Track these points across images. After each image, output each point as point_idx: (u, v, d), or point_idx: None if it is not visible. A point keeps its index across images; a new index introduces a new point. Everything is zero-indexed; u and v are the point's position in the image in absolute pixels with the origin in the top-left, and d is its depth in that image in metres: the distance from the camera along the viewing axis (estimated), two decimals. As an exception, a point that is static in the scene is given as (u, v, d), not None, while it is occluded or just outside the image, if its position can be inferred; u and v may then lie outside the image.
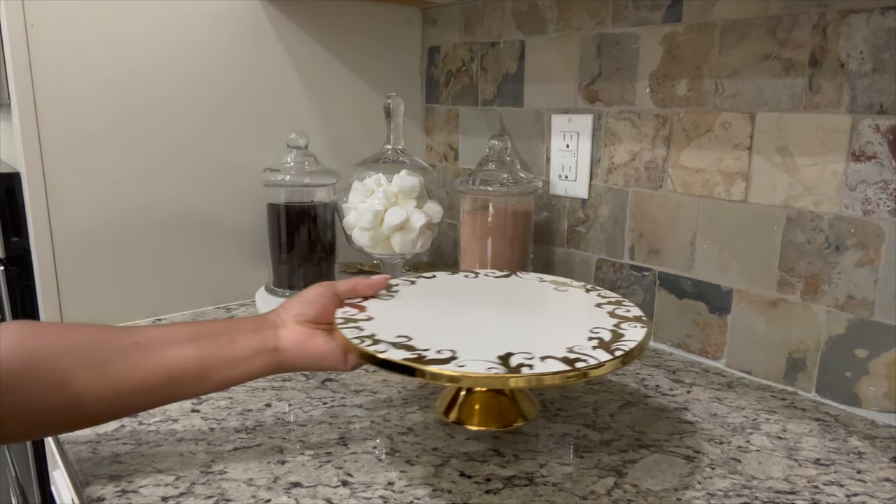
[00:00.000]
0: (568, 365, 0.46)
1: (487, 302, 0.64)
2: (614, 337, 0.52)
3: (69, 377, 0.47)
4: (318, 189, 0.92)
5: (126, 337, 0.51)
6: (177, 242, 0.91)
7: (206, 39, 0.89)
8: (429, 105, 1.15)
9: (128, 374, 0.49)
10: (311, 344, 0.55)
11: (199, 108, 0.90)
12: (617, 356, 0.48)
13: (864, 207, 0.63)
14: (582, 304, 0.62)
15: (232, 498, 0.49)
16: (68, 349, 0.48)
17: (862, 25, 0.61)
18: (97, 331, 0.51)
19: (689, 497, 0.50)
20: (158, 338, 0.51)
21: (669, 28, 0.77)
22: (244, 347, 0.53)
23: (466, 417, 0.58)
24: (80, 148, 0.82)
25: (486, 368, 0.46)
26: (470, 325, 0.57)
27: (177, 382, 0.51)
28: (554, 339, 0.52)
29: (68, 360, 0.48)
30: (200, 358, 0.51)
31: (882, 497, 0.51)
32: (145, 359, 0.50)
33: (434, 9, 1.10)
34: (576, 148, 0.89)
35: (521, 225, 0.87)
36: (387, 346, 0.50)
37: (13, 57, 0.76)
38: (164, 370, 0.50)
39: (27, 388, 0.46)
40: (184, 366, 0.51)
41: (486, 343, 0.51)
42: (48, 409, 0.47)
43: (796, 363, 0.70)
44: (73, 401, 0.48)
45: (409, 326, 0.54)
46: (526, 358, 0.48)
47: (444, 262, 1.15)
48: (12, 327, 0.48)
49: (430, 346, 0.49)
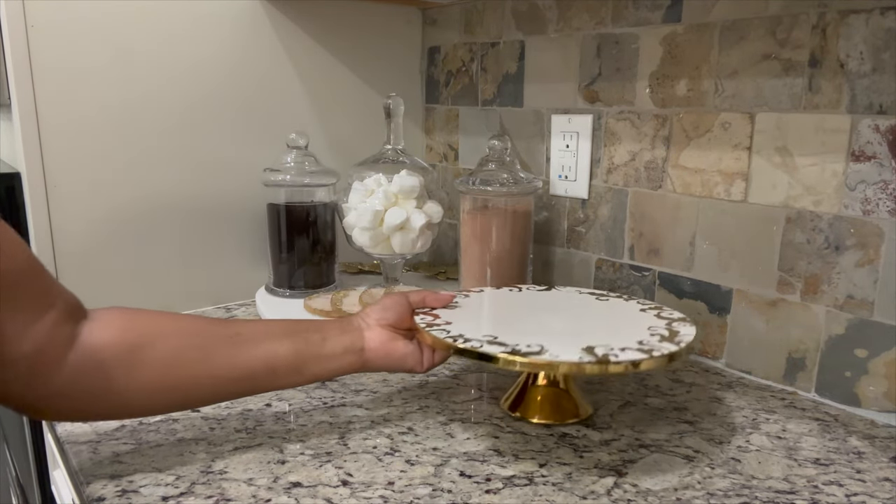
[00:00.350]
0: (646, 354, 0.53)
1: (543, 309, 0.68)
2: (671, 333, 0.59)
3: (177, 360, 0.50)
4: (318, 189, 0.92)
5: (226, 328, 0.55)
6: (177, 242, 0.91)
7: (206, 39, 0.90)
8: (429, 105, 1.16)
9: (230, 362, 0.53)
10: (393, 346, 0.60)
11: (199, 108, 0.90)
12: (684, 345, 0.55)
13: (863, 207, 0.63)
14: (628, 311, 0.67)
15: (232, 498, 0.49)
16: (173, 333, 0.51)
17: (862, 26, 0.61)
18: (195, 319, 0.55)
19: (689, 497, 0.50)
20: (256, 331, 0.55)
21: (669, 28, 0.77)
22: (335, 345, 0.57)
23: (531, 412, 0.63)
24: (80, 148, 0.82)
25: (577, 358, 0.52)
26: (540, 328, 0.62)
27: (274, 373, 0.55)
28: (620, 337, 0.57)
29: (175, 343, 0.51)
30: (296, 353, 0.55)
31: (882, 497, 0.51)
32: (246, 350, 0.53)
33: (434, 9, 1.10)
34: (576, 148, 0.89)
35: (521, 225, 0.87)
36: (480, 342, 0.55)
37: (13, 57, 0.76)
38: (264, 361, 0.54)
39: (138, 367, 0.49)
40: (281, 359, 0.55)
41: (564, 340, 0.56)
42: (157, 388, 0.50)
43: (796, 363, 0.70)
44: (179, 383, 0.51)
45: (489, 328, 0.60)
46: (608, 349, 0.54)
47: (444, 262, 1.15)
48: (114, 311, 0.51)
49: (519, 342, 0.55)
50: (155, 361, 0.50)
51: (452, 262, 1.12)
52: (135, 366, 0.49)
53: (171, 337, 0.51)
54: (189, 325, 0.54)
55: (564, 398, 0.63)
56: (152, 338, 0.50)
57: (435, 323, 0.61)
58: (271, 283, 0.93)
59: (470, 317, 0.64)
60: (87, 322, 0.49)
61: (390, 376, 0.71)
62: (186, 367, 0.51)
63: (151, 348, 0.50)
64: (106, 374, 0.48)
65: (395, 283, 0.94)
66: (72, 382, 0.46)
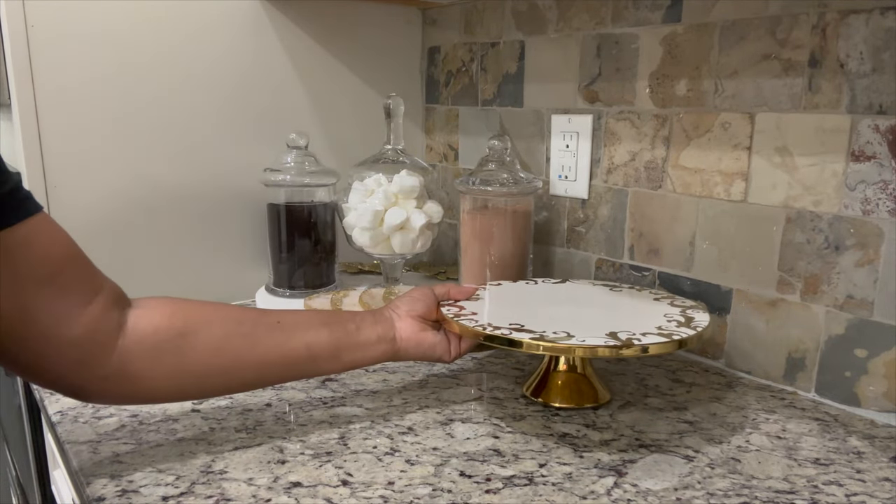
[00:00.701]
0: (666, 338, 0.56)
1: (561, 300, 0.72)
2: (687, 319, 0.62)
3: (223, 345, 0.53)
4: (318, 189, 0.92)
5: (267, 316, 0.57)
6: (177, 242, 0.92)
7: (206, 40, 0.90)
8: (429, 105, 1.16)
9: (275, 349, 0.55)
10: (423, 336, 0.63)
11: (199, 108, 0.90)
12: (700, 329, 0.59)
13: (863, 207, 0.63)
14: (642, 300, 0.71)
15: (232, 497, 0.49)
16: (218, 320, 0.54)
17: (861, 26, 0.62)
18: (236, 308, 0.58)
19: (689, 497, 0.50)
20: (296, 320, 0.58)
21: (669, 28, 0.77)
22: (369, 334, 0.60)
23: (552, 397, 0.65)
24: (80, 148, 0.82)
25: (603, 342, 0.55)
26: (562, 316, 0.65)
27: (315, 359, 0.57)
28: (640, 324, 0.60)
29: (221, 330, 0.53)
30: (334, 340, 0.58)
31: (881, 497, 0.51)
32: (289, 336, 0.56)
33: (434, 9, 1.10)
34: (575, 148, 0.89)
35: (521, 225, 0.87)
36: (508, 330, 0.58)
37: (13, 57, 0.76)
38: (306, 348, 0.56)
39: (186, 351, 0.51)
40: (321, 346, 0.57)
41: (587, 326, 0.60)
42: (204, 372, 0.52)
43: (796, 363, 0.70)
44: (226, 368, 0.53)
45: (514, 317, 0.62)
46: (630, 335, 0.57)
47: (444, 262, 1.15)
48: (158, 299, 0.52)
49: (545, 329, 0.58)
50: (203, 347, 0.52)
51: (452, 262, 1.12)
52: (183, 351, 0.51)
53: (217, 324, 0.53)
54: (232, 312, 0.56)
55: (584, 383, 0.66)
56: (198, 325, 0.52)
57: (462, 313, 0.64)
58: (271, 283, 0.93)
59: (493, 307, 0.67)
60: (133, 309, 0.50)
61: (390, 376, 0.72)
62: (233, 352, 0.53)
63: (198, 334, 0.52)
64: (155, 359, 0.50)
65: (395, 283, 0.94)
66: (121, 367, 0.48)
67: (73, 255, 0.48)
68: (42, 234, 0.45)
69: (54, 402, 0.64)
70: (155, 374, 0.50)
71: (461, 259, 0.91)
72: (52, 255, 0.45)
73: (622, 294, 0.73)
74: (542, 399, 0.66)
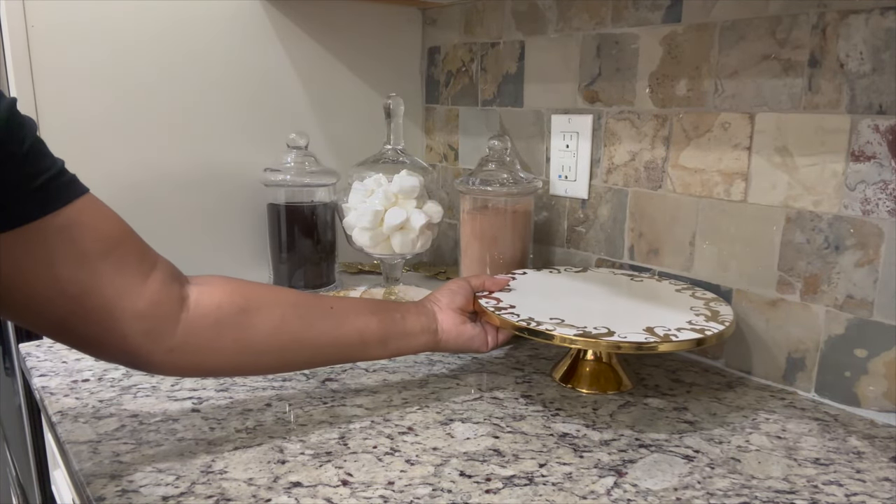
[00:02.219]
0: (700, 334, 0.60)
1: (589, 291, 0.75)
2: (713, 314, 0.66)
3: (282, 325, 0.55)
4: (318, 189, 0.92)
5: (322, 301, 0.60)
6: (177, 242, 0.91)
7: (207, 40, 0.90)
8: (429, 105, 1.16)
9: (329, 332, 0.58)
10: (463, 328, 0.66)
11: (198, 108, 0.91)
12: (729, 324, 0.63)
13: (863, 207, 0.63)
14: (665, 291, 0.74)
15: (232, 497, 0.49)
16: (275, 302, 0.56)
17: (861, 26, 0.62)
18: (293, 291, 0.60)
19: (689, 497, 0.50)
20: (347, 306, 0.61)
21: (669, 28, 0.77)
22: (414, 324, 0.63)
23: (581, 383, 0.69)
24: (80, 148, 0.82)
25: (644, 338, 0.58)
26: (595, 308, 0.68)
27: (365, 344, 0.60)
28: (672, 318, 0.64)
29: (279, 310, 0.55)
30: (383, 328, 0.61)
31: (881, 496, 0.51)
32: (342, 321, 0.59)
33: (434, 9, 1.10)
34: (575, 148, 0.89)
35: (521, 225, 0.87)
36: (553, 326, 0.61)
37: (13, 57, 0.76)
38: (358, 333, 0.59)
39: (246, 328, 0.53)
40: (371, 332, 0.60)
41: (624, 320, 0.63)
42: (263, 350, 0.54)
43: (796, 363, 0.70)
44: (284, 346, 0.56)
45: (552, 311, 0.65)
46: (666, 330, 0.60)
47: (444, 262, 1.15)
48: (216, 277, 0.55)
49: (586, 324, 0.61)
50: (262, 325, 0.54)
51: (452, 262, 1.12)
52: (244, 327, 0.53)
53: (275, 304, 0.55)
54: (288, 295, 0.58)
55: (609, 372, 0.69)
56: (258, 303, 0.54)
57: (500, 306, 0.67)
58: (271, 283, 0.93)
59: (528, 299, 0.70)
60: (193, 285, 0.53)
61: (390, 376, 0.72)
62: (291, 332, 0.56)
63: (259, 312, 0.54)
64: (218, 334, 0.52)
65: (395, 282, 0.94)
66: (186, 339, 0.50)
67: (125, 232, 0.49)
68: (92, 214, 0.47)
69: (54, 402, 0.64)
70: (217, 348, 0.52)
71: (461, 259, 0.91)
72: (106, 232, 0.47)
73: (643, 284, 0.77)
74: (571, 385, 0.69)
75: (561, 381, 0.70)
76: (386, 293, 0.86)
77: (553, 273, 0.81)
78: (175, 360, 0.51)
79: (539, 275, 0.80)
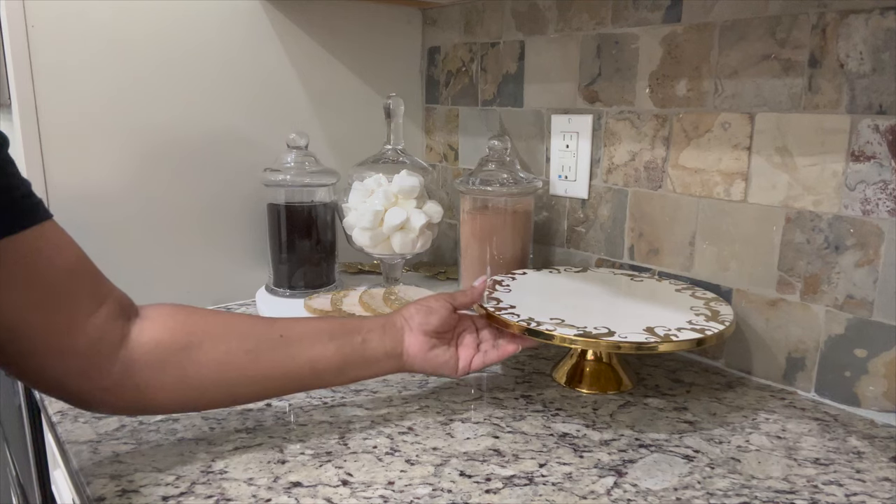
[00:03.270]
0: (700, 334, 0.60)
1: (590, 291, 0.74)
2: (713, 313, 0.66)
3: (226, 360, 0.52)
4: (318, 189, 0.92)
5: (272, 328, 0.56)
6: (177, 243, 0.91)
7: (207, 40, 0.90)
8: (429, 105, 1.16)
9: (278, 364, 0.55)
10: (432, 355, 0.62)
11: (199, 108, 0.90)
12: (729, 324, 0.63)
13: (863, 207, 0.63)
14: (665, 291, 0.74)
15: (232, 497, 0.49)
16: (222, 335, 0.53)
17: (861, 26, 0.62)
18: (242, 319, 0.57)
19: (689, 497, 0.50)
20: (302, 332, 0.57)
21: (669, 28, 0.77)
22: (376, 350, 0.59)
23: (581, 383, 0.69)
24: (80, 148, 0.82)
25: (644, 338, 0.58)
26: (595, 308, 0.68)
27: (318, 375, 0.57)
28: (672, 318, 0.64)
29: (224, 345, 0.53)
30: (340, 356, 0.57)
31: (881, 496, 0.51)
32: (293, 352, 0.55)
33: (434, 9, 1.10)
34: (575, 148, 0.89)
35: (521, 225, 0.87)
36: (553, 326, 0.61)
37: (13, 57, 0.76)
38: (310, 364, 0.56)
39: (188, 365, 0.51)
40: (326, 360, 0.57)
41: (624, 320, 0.63)
42: (206, 386, 0.52)
43: (796, 363, 0.70)
44: (231, 381, 0.53)
45: (552, 311, 0.65)
46: (666, 330, 0.60)
47: (444, 262, 1.15)
48: (164, 309, 0.53)
49: (586, 324, 0.61)
50: (205, 361, 0.52)
51: (452, 262, 1.12)
52: (185, 365, 0.51)
53: (221, 338, 0.53)
54: (237, 325, 0.55)
55: (609, 372, 0.70)
56: (202, 338, 0.52)
57: (501, 306, 0.67)
58: (271, 283, 0.93)
59: (527, 299, 0.70)
60: (139, 320, 0.51)
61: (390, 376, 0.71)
62: (237, 367, 0.53)
63: (202, 348, 0.51)
64: (158, 372, 0.50)
65: (395, 282, 0.94)
66: (123, 378, 0.48)
67: (79, 264, 0.48)
68: (50, 242, 0.45)
69: (54, 402, 0.64)
70: (157, 386, 0.50)
71: (461, 259, 0.91)
72: (58, 263, 0.45)
73: (643, 284, 0.77)
74: (571, 385, 0.69)
75: (561, 382, 0.70)
76: (386, 293, 0.85)
77: (553, 273, 0.82)
78: (112, 399, 0.49)
79: (539, 275, 0.80)
